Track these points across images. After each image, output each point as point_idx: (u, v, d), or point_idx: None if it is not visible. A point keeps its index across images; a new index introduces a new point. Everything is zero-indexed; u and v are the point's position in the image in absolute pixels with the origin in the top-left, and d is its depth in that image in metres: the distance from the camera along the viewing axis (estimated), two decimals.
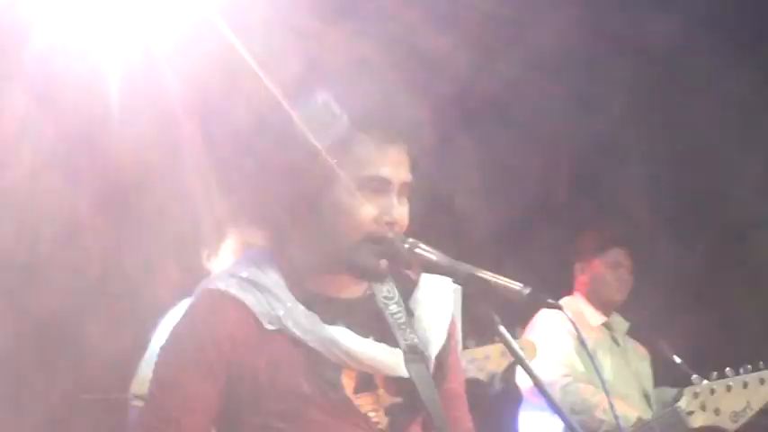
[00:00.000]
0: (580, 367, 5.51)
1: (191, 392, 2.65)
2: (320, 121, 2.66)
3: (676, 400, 4.50)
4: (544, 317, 5.51)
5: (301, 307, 2.69)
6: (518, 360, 2.62)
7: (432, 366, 2.80)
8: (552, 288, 2.67)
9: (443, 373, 2.84)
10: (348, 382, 2.73)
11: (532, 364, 2.64)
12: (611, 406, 4.42)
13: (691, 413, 4.34)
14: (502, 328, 2.61)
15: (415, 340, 2.78)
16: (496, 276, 2.61)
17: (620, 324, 5.89)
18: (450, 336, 2.87)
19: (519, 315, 5.02)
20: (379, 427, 2.75)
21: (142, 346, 4.75)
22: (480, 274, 2.61)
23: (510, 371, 5.04)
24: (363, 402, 2.75)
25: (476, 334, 4.92)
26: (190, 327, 2.70)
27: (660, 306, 6.60)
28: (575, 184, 8.31)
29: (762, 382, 4.50)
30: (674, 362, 5.89)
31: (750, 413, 4.48)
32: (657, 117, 7.95)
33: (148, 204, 6.41)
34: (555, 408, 2.58)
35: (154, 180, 6.25)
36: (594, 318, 5.72)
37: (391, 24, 7.21)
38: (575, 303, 5.74)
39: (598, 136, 8.06)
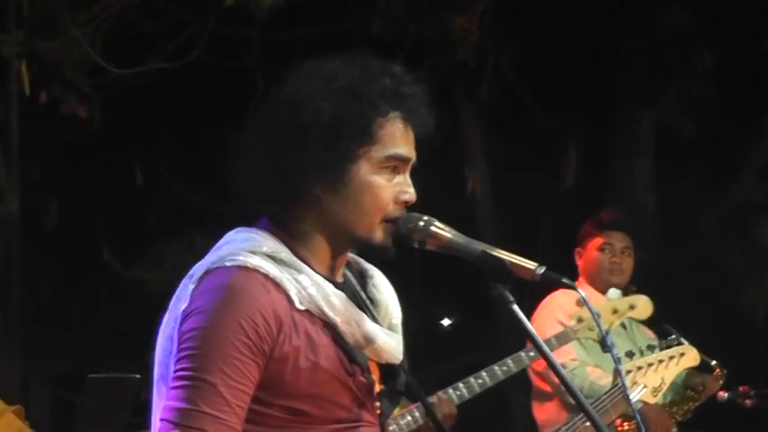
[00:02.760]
0: (584, 354, 5.51)
1: (242, 372, 2.50)
2: (372, 92, 2.62)
3: (613, 378, 4.64)
4: (554, 301, 5.51)
5: (330, 285, 2.63)
6: (533, 341, 2.60)
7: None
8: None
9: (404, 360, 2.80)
10: (374, 368, 2.71)
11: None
12: (621, 378, 4.48)
13: (627, 389, 4.52)
14: (515, 307, 2.59)
15: (386, 327, 2.75)
16: (511, 255, 2.60)
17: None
18: None
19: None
20: (377, 413, 2.72)
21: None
22: (495, 253, 2.59)
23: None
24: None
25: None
26: (232, 303, 2.52)
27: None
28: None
29: (671, 358, 4.66)
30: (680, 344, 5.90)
31: (664, 387, 4.70)
32: None
33: None
34: (569, 388, 2.56)
35: None
36: (600, 302, 5.70)
37: None
38: (579, 288, 5.72)
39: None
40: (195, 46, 7.51)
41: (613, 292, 5.09)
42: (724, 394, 5.92)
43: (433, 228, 2.64)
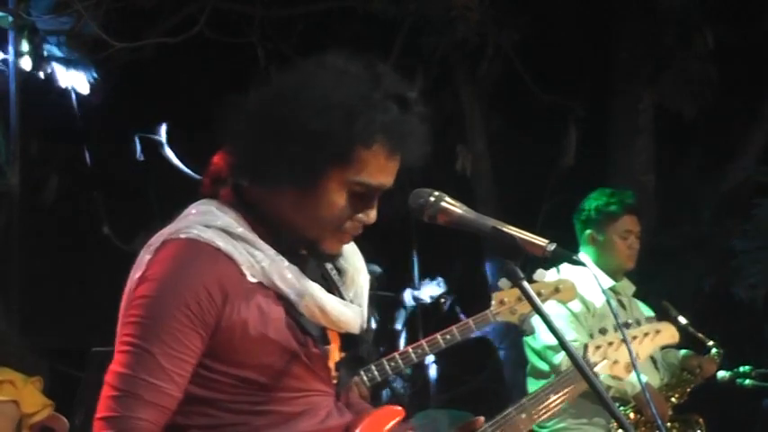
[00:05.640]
0: (584, 335, 5.52)
1: (182, 342, 2.60)
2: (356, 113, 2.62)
3: (583, 353, 4.60)
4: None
5: (284, 259, 2.69)
6: (542, 317, 2.61)
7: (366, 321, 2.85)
8: None
9: (368, 328, 2.88)
10: (334, 337, 2.77)
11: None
12: (636, 369, 4.46)
13: (595, 364, 4.51)
14: (525, 283, 2.61)
15: (352, 296, 2.82)
16: (521, 231, 2.62)
17: (627, 288, 5.89)
18: None
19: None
20: (334, 382, 2.79)
21: None
22: (506, 229, 2.62)
23: None
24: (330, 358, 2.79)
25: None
26: (178, 276, 2.62)
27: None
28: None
29: (645, 335, 4.66)
30: (679, 323, 5.91)
31: (638, 363, 4.68)
32: None
33: None
34: (575, 362, 2.57)
35: None
36: (602, 281, 5.71)
37: None
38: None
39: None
40: (197, 21, 7.49)
41: (540, 274, 4.98)
42: (725, 374, 5.94)
43: (443, 203, 2.68)
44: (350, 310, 2.77)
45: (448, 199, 2.68)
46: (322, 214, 2.67)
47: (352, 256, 2.87)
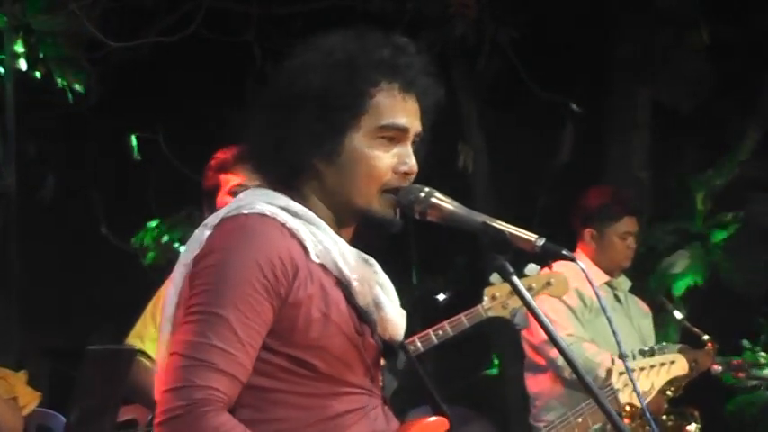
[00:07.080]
0: (580, 329, 5.53)
1: (256, 311, 2.50)
2: (354, 65, 2.64)
3: (607, 377, 4.58)
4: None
5: (345, 243, 2.64)
6: (530, 310, 2.61)
7: None
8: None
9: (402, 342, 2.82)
10: None
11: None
12: (626, 364, 4.47)
13: (618, 391, 4.48)
14: (515, 278, 2.61)
15: None
16: (511, 227, 2.62)
17: (623, 283, 5.91)
18: None
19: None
20: (381, 385, 2.74)
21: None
22: (495, 224, 2.62)
23: None
24: None
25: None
26: (250, 243, 2.52)
27: None
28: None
29: (662, 365, 4.64)
30: (675, 318, 5.93)
31: (653, 392, 4.66)
32: None
33: None
34: (567, 358, 2.58)
35: None
36: (597, 276, 5.72)
37: None
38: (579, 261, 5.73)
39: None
40: (193, 20, 7.49)
41: (531, 269, 4.98)
42: (718, 367, 5.95)
43: (433, 199, 2.66)
44: (400, 311, 2.73)
45: (438, 195, 2.67)
46: (361, 172, 2.62)
47: (384, 274, 2.79)
